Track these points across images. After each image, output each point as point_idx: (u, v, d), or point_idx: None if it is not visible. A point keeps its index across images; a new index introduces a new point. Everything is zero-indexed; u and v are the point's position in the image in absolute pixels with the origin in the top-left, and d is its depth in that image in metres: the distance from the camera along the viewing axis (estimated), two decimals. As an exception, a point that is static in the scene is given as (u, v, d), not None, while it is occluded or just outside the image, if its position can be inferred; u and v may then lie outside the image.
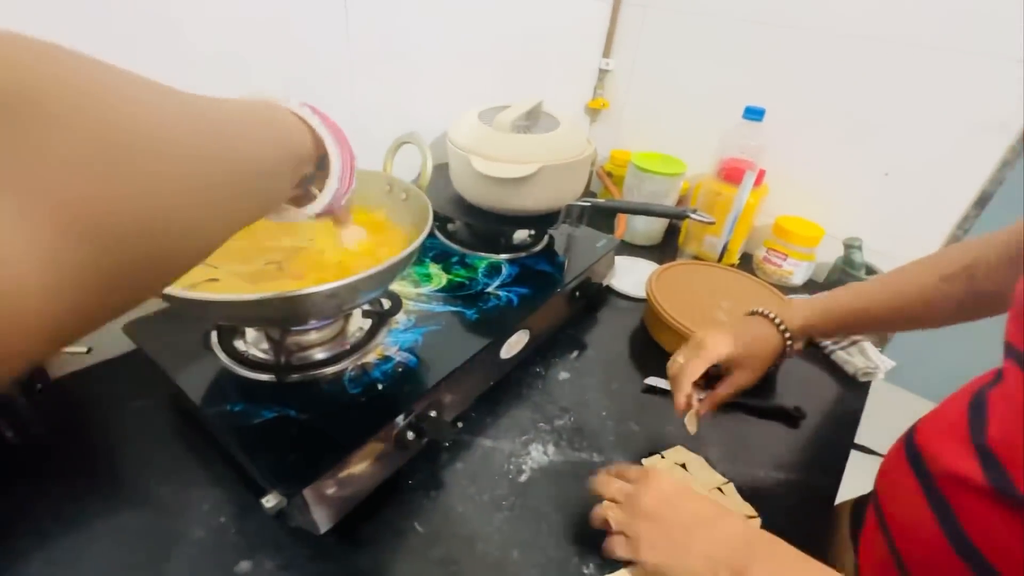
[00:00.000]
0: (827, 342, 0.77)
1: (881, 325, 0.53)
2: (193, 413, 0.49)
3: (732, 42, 0.94)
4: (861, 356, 0.73)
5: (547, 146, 0.67)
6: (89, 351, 0.44)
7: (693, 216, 0.59)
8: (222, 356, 0.49)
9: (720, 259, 0.95)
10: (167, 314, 0.54)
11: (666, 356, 0.71)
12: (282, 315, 0.44)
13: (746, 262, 0.99)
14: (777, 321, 0.54)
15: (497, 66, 0.90)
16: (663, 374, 0.67)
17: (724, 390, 0.54)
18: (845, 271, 0.87)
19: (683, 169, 0.96)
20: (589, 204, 0.69)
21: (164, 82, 0.19)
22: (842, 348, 0.75)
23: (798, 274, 0.91)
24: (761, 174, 0.92)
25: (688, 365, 0.52)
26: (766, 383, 0.70)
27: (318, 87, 0.66)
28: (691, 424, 0.54)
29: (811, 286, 0.94)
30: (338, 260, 0.50)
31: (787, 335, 0.53)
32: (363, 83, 0.70)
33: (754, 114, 0.83)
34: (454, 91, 0.85)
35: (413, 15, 0.71)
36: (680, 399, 0.52)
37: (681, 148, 1.02)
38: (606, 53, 1.11)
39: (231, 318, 0.46)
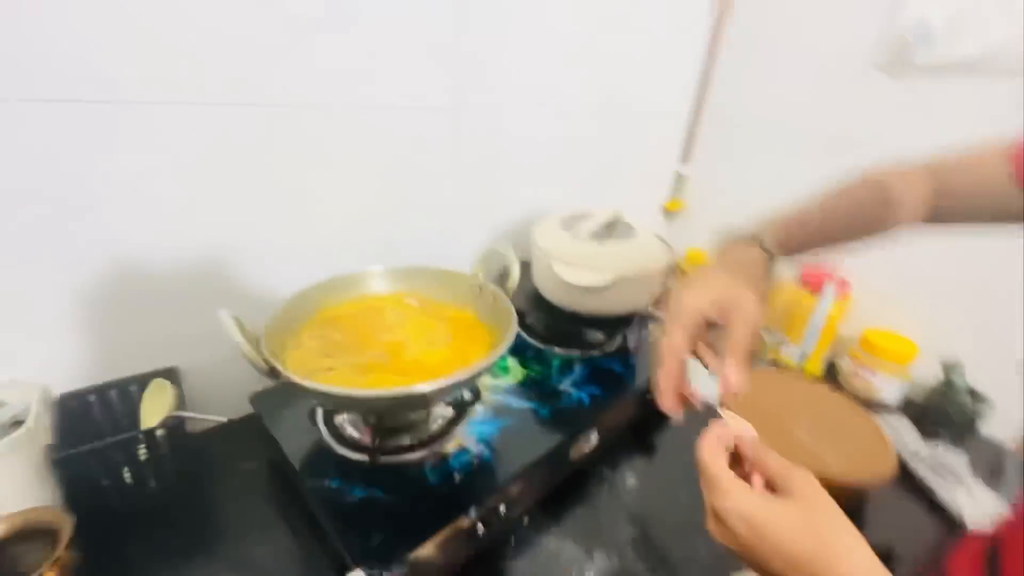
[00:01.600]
0: (926, 474, 0.70)
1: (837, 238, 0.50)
2: (294, 482, 0.55)
3: (810, 157, 0.97)
4: (968, 496, 0.67)
5: (624, 256, 0.72)
6: (228, 421, 0.53)
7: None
8: (325, 432, 0.56)
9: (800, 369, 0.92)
10: (285, 389, 0.62)
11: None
12: (384, 407, 0.50)
13: (831, 373, 0.95)
14: (757, 240, 0.47)
15: (582, 169, 0.99)
16: (735, 492, 0.65)
17: (737, 338, 0.40)
18: (946, 395, 0.80)
19: (761, 275, 0.96)
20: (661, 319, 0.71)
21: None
22: (945, 481, 0.68)
23: (889, 392, 0.86)
24: (845, 285, 0.90)
25: (668, 338, 0.41)
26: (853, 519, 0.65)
27: (420, 191, 0.77)
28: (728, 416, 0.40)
29: (906, 407, 0.88)
30: (427, 358, 0.57)
31: (764, 245, 0.46)
32: (462, 186, 0.81)
33: (834, 231, 0.84)
34: (542, 192, 0.94)
35: (515, 125, 0.82)
36: (663, 383, 0.41)
37: (759, 253, 1.03)
38: (684, 159, 1.18)
39: (340, 406, 0.53)
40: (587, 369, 0.73)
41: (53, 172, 0.47)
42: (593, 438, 0.66)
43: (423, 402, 0.50)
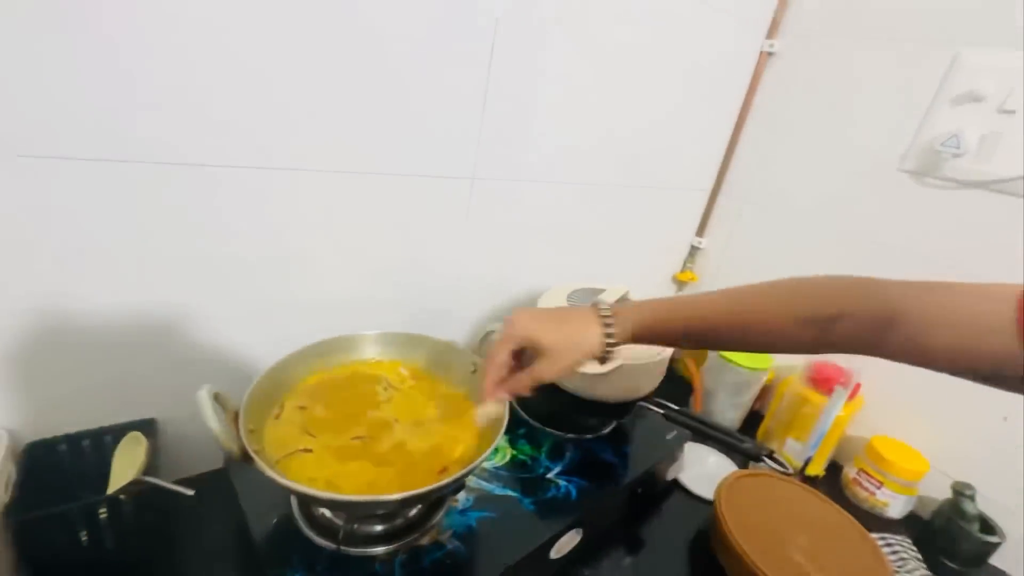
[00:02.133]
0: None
1: (721, 342, 0.51)
2: (257, 563, 0.52)
3: (826, 251, 0.95)
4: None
5: (628, 343, 0.70)
6: (193, 494, 0.51)
7: (769, 462, 0.57)
8: (296, 510, 0.54)
9: (803, 470, 0.88)
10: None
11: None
12: (358, 511, 0.48)
13: (833, 475, 0.91)
14: (606, 320, 0.48)
15: (597, 240, 0.97)
16: (723, 612, 0.61)
17: (523, 378, 0.48)
18: (953, 520, 0.76)
19: (768, 364, 0.94)
20: (662, 412, 0.69)
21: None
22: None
23: (894, 507, 0.81)
24: (856, 388, 0.87)
25: (495, 348, 0.49)
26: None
27: (434, 261, 0.76)
28: (485, 412, 0.51)
29: (912, 524, 0.83)
30: (413, 445, 0.54)
31: (610, 340, 0.47)
32: (470, 256, 0.79)
33: (848, 336, 0.81)
34: (552, 261, 0.93)
35: (531, 197, 0.81)
36: (489, 384, 0.49)
37: (768, 338, 1.00)
38: (700, 232, 1.16)
39: (307, 502, 0.51)
40: (578, 455, 0.71)
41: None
42: (577, 536, 0.62)
43: (394, 506, 0.48)
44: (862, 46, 0.88)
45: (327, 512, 0.54)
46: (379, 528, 0.53)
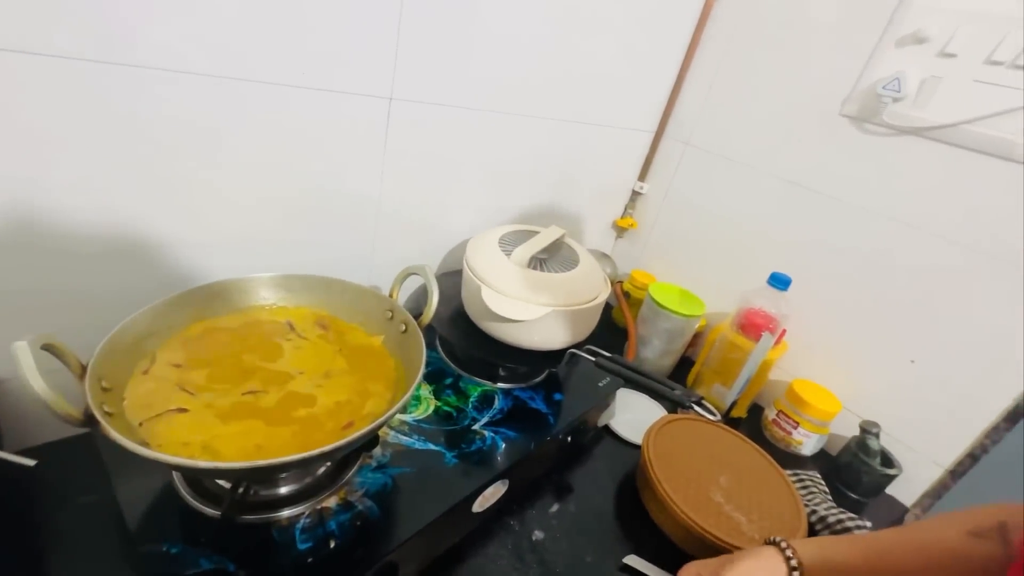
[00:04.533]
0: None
1: None
2: (127, 539, 0.45)
3: (765, 196, 0.94)
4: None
5: (562, 288, 0.66)
6: (34, 464, 0.42)
7: (697, 409, 0.56)
8: (176, 476, 0.47)
9: (727, 412, 0.91)
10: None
11: (652, 527, 0.66)
12: (238, 479, 0.41)
13: (755, 416, 0.94)
14: (788, 555, 0.48)
15: (533, 178, 0.90)
16: (645, 552, 0.62)
17: None
18: (858, 456, 0.81)
19: (701, 311, 0.94)
20: (594, 360, 0.66)
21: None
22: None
23: (808, 445, 0.86)
24: (782, 334, 0.88)
25: None
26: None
27: (350, 188, 0.66)
28: None
29: (822, 459, 0.88)
30: (316, 399, 0.48)
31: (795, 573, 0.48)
32: (392, 188, 0.70)
33: (779, 283, 0.82)
34: (485, 200, 0.85)
35: (454, 126, 0.72)
36: None
37: (702, 285, 1.00)
38: (642, 177, 1.12)
39: (181, 472, 0.44)
40: (507, 404, 0.67)
41: None
42: (503, 487, 0.60)
43: (282, 471, 0.42)
44: (814, -21, 0.84)
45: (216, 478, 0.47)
46: (281, 491, 0.48)
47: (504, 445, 0.61)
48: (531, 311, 0.62)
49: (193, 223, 0.55)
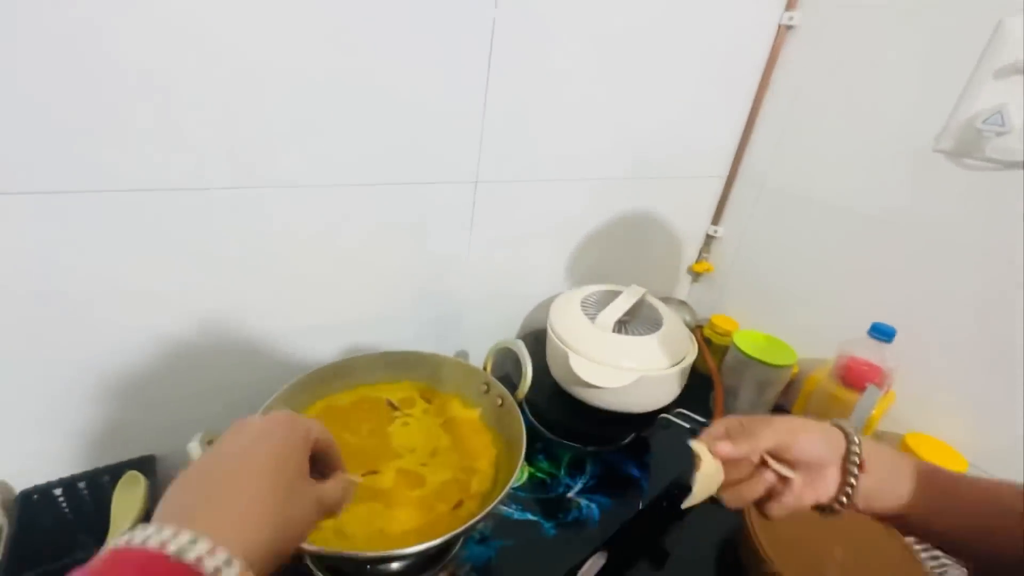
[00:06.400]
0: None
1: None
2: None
3: (853, 236, 0.90)
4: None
5: (648, 351, 0.66)
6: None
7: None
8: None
9: (832, 470, 0.84)
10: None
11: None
12: (368, 563, 0.44)
13: (864, 473, 0.87)
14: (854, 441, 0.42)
15: (608, 237, 0.92)
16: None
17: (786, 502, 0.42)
18: (997, 522, 0.72)
19: (792, 359, 0.89)
20: (688, 427, 0.65)
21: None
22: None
23: (932, 508, 0.78)
24: (889, 381, 0.82)
25: (753, 428, 0.42)
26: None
27: (440, 271, 0.72)
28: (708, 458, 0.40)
29: (949, 523, 0.80)
30: (423, 475, 0.51)
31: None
32: (477, 260, 0.75)
33: (883, 334, 0.77)
34: (560, 261, 0.88)
35: (530, 197, 0.76)
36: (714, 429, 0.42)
37: (788, 329, 0.95)
38: (715, 220, 1.11)
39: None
40: (599, 469, 0.67)
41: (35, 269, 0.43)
42: (602, 559, 0.59)
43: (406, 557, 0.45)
44: (891, 16, 0.81)
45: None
46: (393, 567, 0.50)
47: (599, 513, 0.61)
48: (621, 377, 0.63)
49: (303, 311, 0.61)
